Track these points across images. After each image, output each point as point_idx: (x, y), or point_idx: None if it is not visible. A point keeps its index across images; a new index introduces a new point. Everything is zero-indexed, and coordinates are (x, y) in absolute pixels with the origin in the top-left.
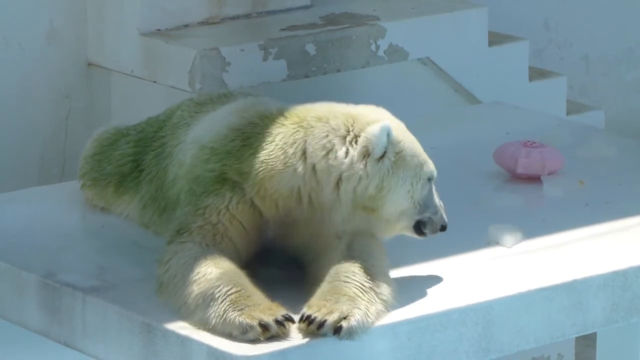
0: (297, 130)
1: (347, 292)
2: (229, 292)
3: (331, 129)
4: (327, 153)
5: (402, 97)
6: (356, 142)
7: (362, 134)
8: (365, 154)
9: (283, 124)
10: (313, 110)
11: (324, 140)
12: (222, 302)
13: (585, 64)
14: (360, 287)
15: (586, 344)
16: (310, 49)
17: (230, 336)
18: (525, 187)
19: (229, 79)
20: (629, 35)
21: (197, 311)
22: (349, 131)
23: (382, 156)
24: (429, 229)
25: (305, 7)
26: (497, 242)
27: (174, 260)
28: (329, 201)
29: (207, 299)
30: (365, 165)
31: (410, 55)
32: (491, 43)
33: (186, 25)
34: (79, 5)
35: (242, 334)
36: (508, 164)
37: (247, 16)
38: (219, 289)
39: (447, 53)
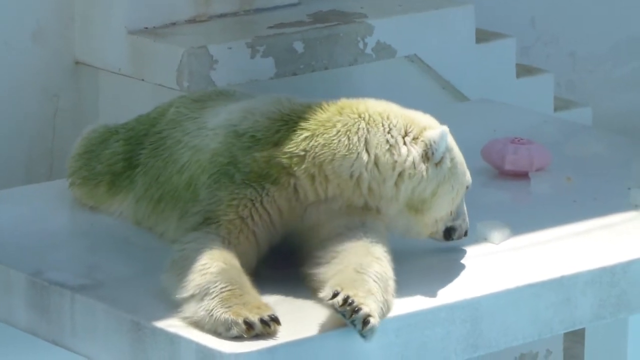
0: (358, 121)
1: (375, 292)
2: (223, 289)
3: (393, 126)
4: (390, 148)
5: (390, 94)
6: (415, 143)
7: (421, 138)
8: (425, 157)
9: (340, 113)
10: (371, 105)
11: (388, 135)
12: (214, 297)
13: (572, 61)
14: (383, 293)
15: (575, 340)
16: (298, 46)
17: (215, 333)
18: (513, 184)
19: (217, 76)
20: (616, 31)
21: (191, 301)
22: (407, 132)
23: (439, 162)
24: (456, 235)
25: (293, 5)
26: (485, 239)
27: (192, 245)
28: (388, 195)
29: (203, 291)
30: (427, 168)
31: (398, 53)
32: (478, 40)
33: (174, 24)
34: (66, 3)
35: (226, 330)
36: (496, 161)
37: (235, 14)
38: (215, 284)
39: (435, 50)
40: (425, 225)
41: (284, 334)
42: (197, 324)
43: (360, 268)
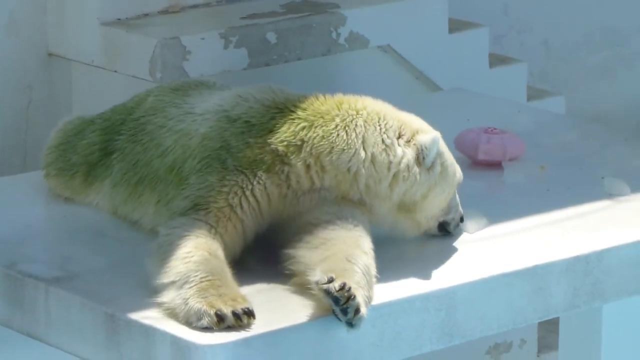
0: (356, 118)
1: (363, 285)
2: (202, 279)
3: (389, 127)
4: (386, 148)
5: (363, 84)
6: (408, 146)
7: (413, 141)
8: (417, 161)
9: (339, 108)
10: (368, 103)
11: (384, 135)
12: (192, 286)
13: (546, 50)
14: (368, 288)
15: (549, 329)
16: (271, 37)
17: (187, 322)
18: (487, 173)
19: (190, 67)
20: (589, 20)
21: (171, 287)
22: (400, 134)
23: (431, 167)
24: (452, 226)
25: None
26: (461, 228)
27: (178, 230)
28: (382, 194)
29: (182, 279)
30: (419, 172)
31: (371, 43)
32: (451, 30)
33: (146, 15)
34: None
35: (197, 320)
36: (469, 151)
37: (207, 5)
38: (196, 273)
39: (408, 40)
40: (415, 222)
41: (261, 325)
42: (173, 312)
43: (351, 258)
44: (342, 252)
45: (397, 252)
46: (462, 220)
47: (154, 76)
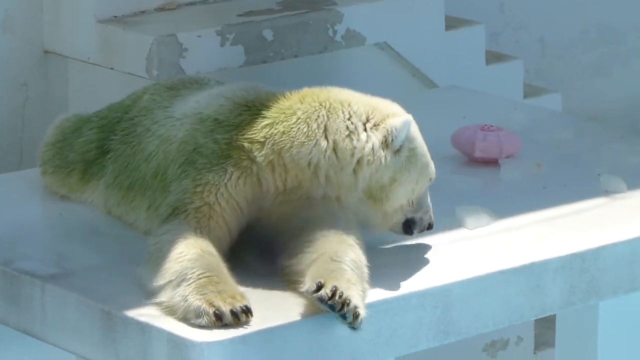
0: (319, 109)
1: (354, 281)
2: (200, 276)
3: (353, 113)
4: (350, 134)
5: (359, 82)
6: (376, 130)
7: (383, 124)
8: (385, 144)
9: (302, 102)
10: (333, 93)
11: (348, 122)
12: (190, 284)
13: (541, 47)
14: (361, 282)
15: (545, 326)
16: (268, 34)
17: (185, 319)
18: (483, 171)
19: (186, 65)
20: (585, 17)
21: (168, 287)
22: (368, 119)
23: (398, 150)
24: (418, 228)
25: None
26: (461, 223)
27: (166, 236)
28: (347, 183)
29: (180, 277)
30: (386, 155)
31: (368, 40)
32: (448, 27)
33: (143, 12)
34: None
35: (196, 317)
36: (465, 148)
37: (204, 2)
38: (192, 270)
39: (404, 37)
40: (385, 214)
41: (258, 322)
42: (171, 310)
43: (336, 256)
44: (327, 252)
45: (393, 250)
46: (430, 227)
47: (151, 73)
